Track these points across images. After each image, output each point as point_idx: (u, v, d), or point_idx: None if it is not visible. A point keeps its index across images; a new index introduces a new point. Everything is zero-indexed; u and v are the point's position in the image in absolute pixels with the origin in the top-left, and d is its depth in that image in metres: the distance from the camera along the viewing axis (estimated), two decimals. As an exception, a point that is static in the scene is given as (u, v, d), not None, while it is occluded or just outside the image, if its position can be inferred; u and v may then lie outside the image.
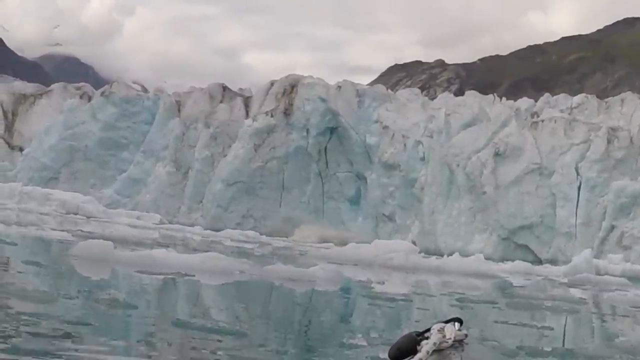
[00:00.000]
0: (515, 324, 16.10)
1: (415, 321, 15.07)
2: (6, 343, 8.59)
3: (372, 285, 22.56)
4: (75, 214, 51.87)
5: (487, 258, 42.78)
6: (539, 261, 49.59)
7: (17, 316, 10.22)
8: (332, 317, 15.80)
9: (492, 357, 11.75)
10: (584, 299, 26.77)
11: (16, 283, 13.66)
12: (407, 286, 26.12)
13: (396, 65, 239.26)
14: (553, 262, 48.74)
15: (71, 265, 18.82)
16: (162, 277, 18.00)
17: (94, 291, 14.01)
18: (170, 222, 55.77)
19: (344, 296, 20.69)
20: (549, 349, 12.60)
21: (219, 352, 9.79)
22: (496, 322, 16.71)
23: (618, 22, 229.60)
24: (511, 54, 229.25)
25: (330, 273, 21.89)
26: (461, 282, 29.84)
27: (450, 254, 41.78)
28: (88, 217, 50.24)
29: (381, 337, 11.92)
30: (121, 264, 19.33)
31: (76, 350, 8.77)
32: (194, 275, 18.83)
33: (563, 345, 13.92)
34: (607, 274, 41.47)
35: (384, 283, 24.75)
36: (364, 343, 11.28)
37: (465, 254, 42.33)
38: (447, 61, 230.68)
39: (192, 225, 53.82)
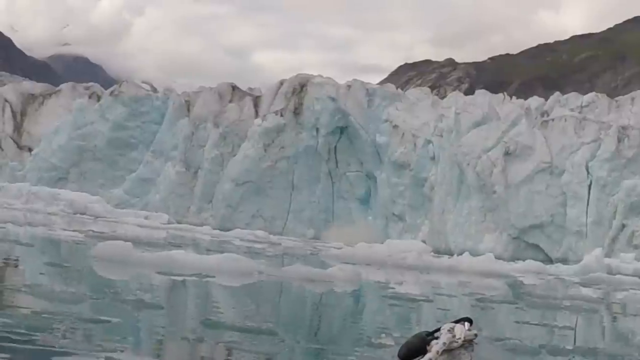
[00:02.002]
0: (537, 324, 16.20)
1: (437, 321, 15.12)
2: (50, 343, 8.71)
3: (391, 286, 22.66)
4: (83, 214, 51.96)
5: (498, 257, 42.68)
6: (549, 260, 49.51)
7: (53, 317, 10.34)
8: (355, 317, 15.89)
9: (502, 356, 11.83)
10: (602, 298, 26.82)
11: (43, 285, 13.78)
12: (425, 286, 26.13)
13: (406, 64, 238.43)
14: (564, 261, 48.66)
15: (92, 266, 18.96)
16: (182, 278, 18.11)
17: (119, 292, 14.15)
18: (180, 222, 55.82)
19: (364, 297, 20.80)
20: (570, 348, 12.74)
21: (254, 350, 9.93)
22: (517, 322, 16.81)
23: (628, 20, 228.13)
24: (521, 52, 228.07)
25: (349, 274, 21.97)
26: (477, 282, 29.85)
27: (461, 254, 41.80)
28: (96, 217, 50.32)
29: (405, 337, 11.96)
30: (141, 265, 19.43)
31: (113, 349, 8.86)
32: (214, 276, 18.94)
33: (582, 344, 14.00)
34: (618, 273, 41.35)
35: (402, 283, 24.84)
36: (391, 343, 11.36)
37: (475, 254, 42.30)
38: (457, 60, 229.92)
39: (201, 225, 53.88)
